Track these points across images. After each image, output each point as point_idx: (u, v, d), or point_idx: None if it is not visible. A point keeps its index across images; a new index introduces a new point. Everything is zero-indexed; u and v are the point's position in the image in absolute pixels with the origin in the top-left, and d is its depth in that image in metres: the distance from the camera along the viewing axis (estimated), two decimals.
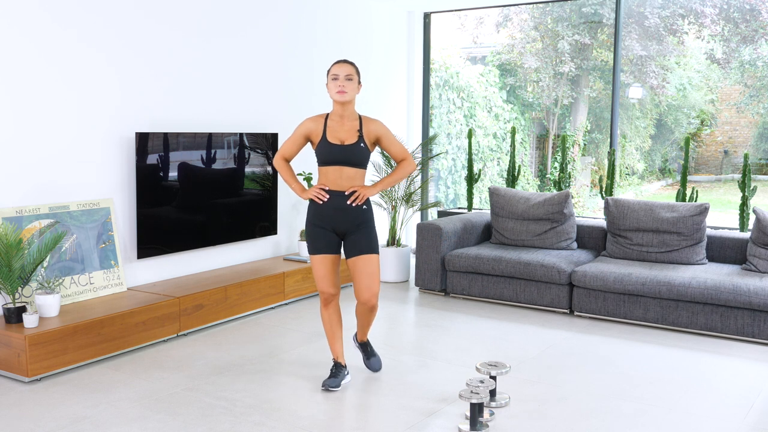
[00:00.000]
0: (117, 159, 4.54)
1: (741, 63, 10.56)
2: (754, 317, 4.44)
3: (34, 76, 4.07)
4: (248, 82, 5.46)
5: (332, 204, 3.49)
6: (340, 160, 3.46)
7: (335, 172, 3.48)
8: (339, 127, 3.50)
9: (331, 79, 3.48)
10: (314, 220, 3.54)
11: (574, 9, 10.20)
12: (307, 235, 3.59)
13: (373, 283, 3.54)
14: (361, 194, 3.47)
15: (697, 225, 5.11)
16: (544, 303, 5.20)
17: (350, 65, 3.49)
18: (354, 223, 3.52)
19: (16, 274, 3.73)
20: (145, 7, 4.64)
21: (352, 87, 3.47)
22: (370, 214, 3.58)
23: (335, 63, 3.50)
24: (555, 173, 10.38)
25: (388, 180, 3.61)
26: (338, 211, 3.49)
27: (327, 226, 3.52)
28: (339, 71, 3.46)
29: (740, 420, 3.28)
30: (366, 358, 3.85)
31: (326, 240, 3.53)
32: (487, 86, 10.46)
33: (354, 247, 3.53)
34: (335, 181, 3.49)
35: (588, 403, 3.45)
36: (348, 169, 3.48)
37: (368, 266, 3.52)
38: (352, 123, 3.52)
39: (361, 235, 3.53)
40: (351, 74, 3.47)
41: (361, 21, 6.61)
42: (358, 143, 3.48)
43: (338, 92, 3.44)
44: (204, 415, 3.26)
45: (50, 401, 3.42)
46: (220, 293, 4.68)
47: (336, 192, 3.49)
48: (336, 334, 3.66)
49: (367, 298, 3.55)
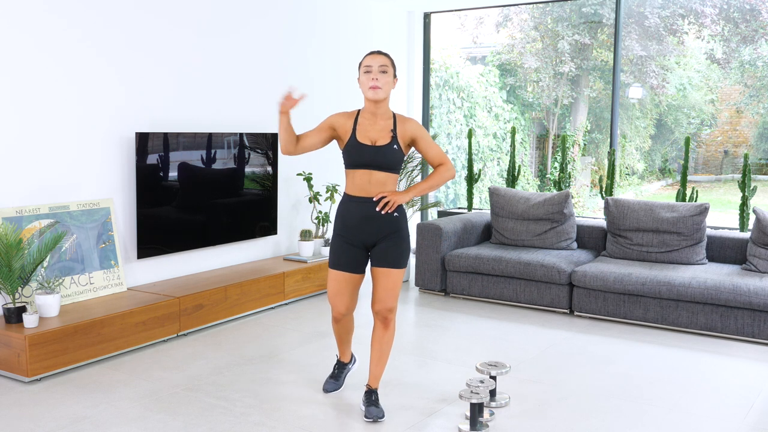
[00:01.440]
0: (117, 159, 4.54)
1: (741, 63, 10.56)
2: (754, 317, 4.44)
3: (34, 76, 4.07)
4: (248, 82, 5.46)
5: (360, 212, 3.14)
6: (370, 162, 3.10)
7: (363, 176, 3.12)
8: (371, 125, 3.14)
9: (363, 71, 3.10)
10: (341, 231, 3.19)
11: (574, 9, 10.21)
12: (331, 246, 3.26)
13: (390, 298, 3.19)
14: (391, 201, 3.09)
15: (697, 225, 5.11)
16: (544, 303, 5.20)
17: (385, 56, 3.12)
18: (384, 232, 3.16)
19: (16, 274, 3.73)
20: (146, 6, 4.63)
21: (387, 81, 3.08)
22: (404, 222, 3.21)
23: (368, 54, 3.13)
24: (555, 173, 10.38)
25: (424, 186, 3.20)
26: (366, 220, 3.14)
27: (355, 241, 3.17)
28: (372, 62, 3.08)
29: (740, 420, 3.28)
30: (366, 405, 3.27)
31: (350, 256, 3.18)
32: (487, 86, 10.46)
33: (380, 257, 3.17)
34: (363, 186, 3.12)
35: (588, 403, 3.46)
36: (378, 173, 3.11)
37: (389, 280, 3.18)
38: (386, 122, 3.15)
39: (390, 245, 3.16)
40: (386, 66, 3.09)
41: (361, 21, 6.61)
42: (391, 144, 3.11)
43: (371, 88, 3.07)
44: (204, 415, 3.26)
45: (50, 401, 3.41)
46: (220, 293, 4.68)
47: (364, 198, 3.13)
48: (344, 338, 3.50)
49: (379, 309, 3.21)
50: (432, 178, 3.22)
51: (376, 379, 3.31)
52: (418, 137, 3.19)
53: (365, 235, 3.17)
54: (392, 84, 3.13)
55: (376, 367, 3.29)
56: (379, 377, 3.31)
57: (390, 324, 3.25)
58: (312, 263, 5.48)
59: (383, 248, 3.17)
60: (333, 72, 6.28)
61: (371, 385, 3.31)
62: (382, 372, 3.31)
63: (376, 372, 3.30)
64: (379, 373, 3.30)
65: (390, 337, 3.28)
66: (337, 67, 6.32)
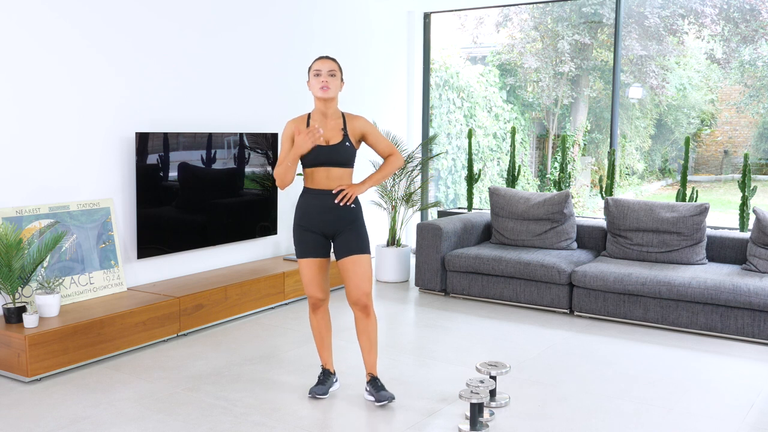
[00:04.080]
0: (117, 159, 4.54)
1: (741, 63, 10.56)
2: (754, 317, 4.44)
3: (35, 76, 4.07)
4: (248, 82, 5.46)
5: (319, 204, 3.34)
6: (326, 161, 3.31)
7: (322, 173, 3.33)
8: (322, 126, 3.34)
9: (313, 75, 3.33)
10: (301, 222, 3.39)
11: (574, 9, 10.20)
12: (294, 238, 3.43)
13: (364, 282, 3.36)
14: (349, 193, 3.32)
15: (697, 225, 5.11)
16: (544, 303, 5.20)
17: (333, 61, 3.35)
18: (343, 223, 3.36)
19: (16, 274, 3.73)
20: (146, 6, 4.64)
21: (336, 83, 3.32)
22: (360, 212, 3.43)
23: (317, 59, 3.36)
24: (555, 173, 10.38)
25: (377, 176, 3.45)
26: (326, 212, 3.34)
27: (315, 228, 3.36)
28: (321, 67, 3.31)
29: (740, 420, 3.28)
30: (376, 392, 3.43)
31: (314, 243, 3.37)
32: (487, 86, 10.46)
33: (344, 247, 3.37)
34: (323, 182, 3.34)
35: (588, 403, 3.45)
36: (335, 169, 3.33)
37: (359, 266, 3.35)
38: (336, 121, 3.37)
39: (351, 235, 3.37)
40: (334, 70, 3.32)
41: (361, 21, 6.61)
42: (343, 142, 3.34)
43: (321, 88, 3.29)
44: (204, 415, 3.26)
45: (50, 401, 3.42)
46: (220, 293, 4.68)
47: (323, 191, 3.34)
48: (324, 341, 3.56)
49: (357, 297, 3.36)
50: (384, 168, 3.48)
51: (373, 366, 3.48)
52: (367, 132, 3.44)
53: (324, 224, 3.37)
54: (340, 87, 3.37)
55: (369, 355, 3.47)
56: (375, 363, 3.49)
57: (370, 311, 3.42)
58: None
59: (346, 239, 3.37)
60: None
61: (372, 373, 3.48)
62: (376, 358, 3.49)
63: (371, 359, 3.47)
64: (375, 360, 3.48)
65: (374, 325, 3.45)
66: None
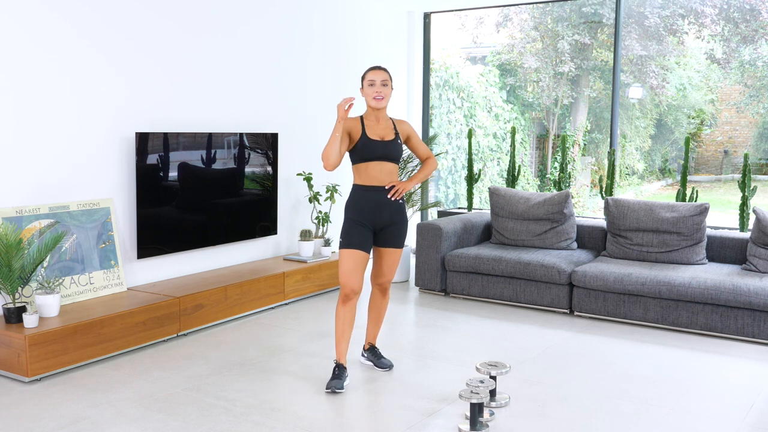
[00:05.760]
0: (117, 159, 4.54)
1: (741, 63, 10.56)
2: (754, 317, 4.44)
3: (34, 76, 4.07)
4: (248, 82, 5.46)
5: (374, 199, 3.63)
6: (382, 155, 3.61)
7: (377, 168, 3.62)
8: (376, 125, 3.66)
9: (367, 84, 3.63)
10: (354, 215, 3.65)
11: (574, 9, 10.21)
12: (343, 229, 3.67)
13: (392, 271, 3.81)
14: (401, 188, 3.65)
15: (697, 225, 5.11)
16: (544, 303, 5.20)
17: (385, 71, 3.65)
18: (392, 217, 3.68)
19: (16, 274, 3.73)
20: (146, 6, 4.64)
21: (388, 92, 3.65)
22: (405, 208, 3.80)
23: (371, 69, 3.66)
24: (555, 173, 10.38)
25: (420, 175, 3.82)
26: (379, 206, 3.64)
27: (367, 222, 3.64)
28: (375, 77, 3.62)
29: (740, 420, 3.28)
30: (376, 359, 3.93)
31: (363, 237, 3.63)
32: (487, 86, 10.46)
33: (388, 238, 3.71)
34: (376, 176, 3.63)
35: (588, 403, 3.46)
36: (388, 164, 3.64)
37: (394, 258, 3.76)
38: (387, 122, 3.72)
39: (396, 229, 3.71)
40: (386, 80, 3.64)
41: (361, 21, 6.61)
42: (395, 140, 3.67)
43: (375, 98, 3.62)
44: (204, 415, 3.26)
45: (50, 401, 3.41)
46: (220, 293, 4.68)
47: (376, 187, 3.64)
48: (345, 334, 3.66)
49: (383, 281, 3.81)
50: (424, 169, 3.87)
51: (375, 337, 3.99)
52: (411, 135, 3.84)
53: (378, 218, 3.66)
54: (390, 95, 3.70)
55: (375, 327, 3.96)
56: (377, 335, 3.99)
57: (387, 292, 3.91)
58: (312, 263, 5.48)
59: (391, 231, 3.71)
60: (333, 72, 6.28)
61: (372, 342, 3.97)
62: (379, 331, 4.00)
63: (375, 332, 3.97)
64: (377, 332, 3.99)
65: (387, 303, 3.94)
66: (337, 67, 6.32)
